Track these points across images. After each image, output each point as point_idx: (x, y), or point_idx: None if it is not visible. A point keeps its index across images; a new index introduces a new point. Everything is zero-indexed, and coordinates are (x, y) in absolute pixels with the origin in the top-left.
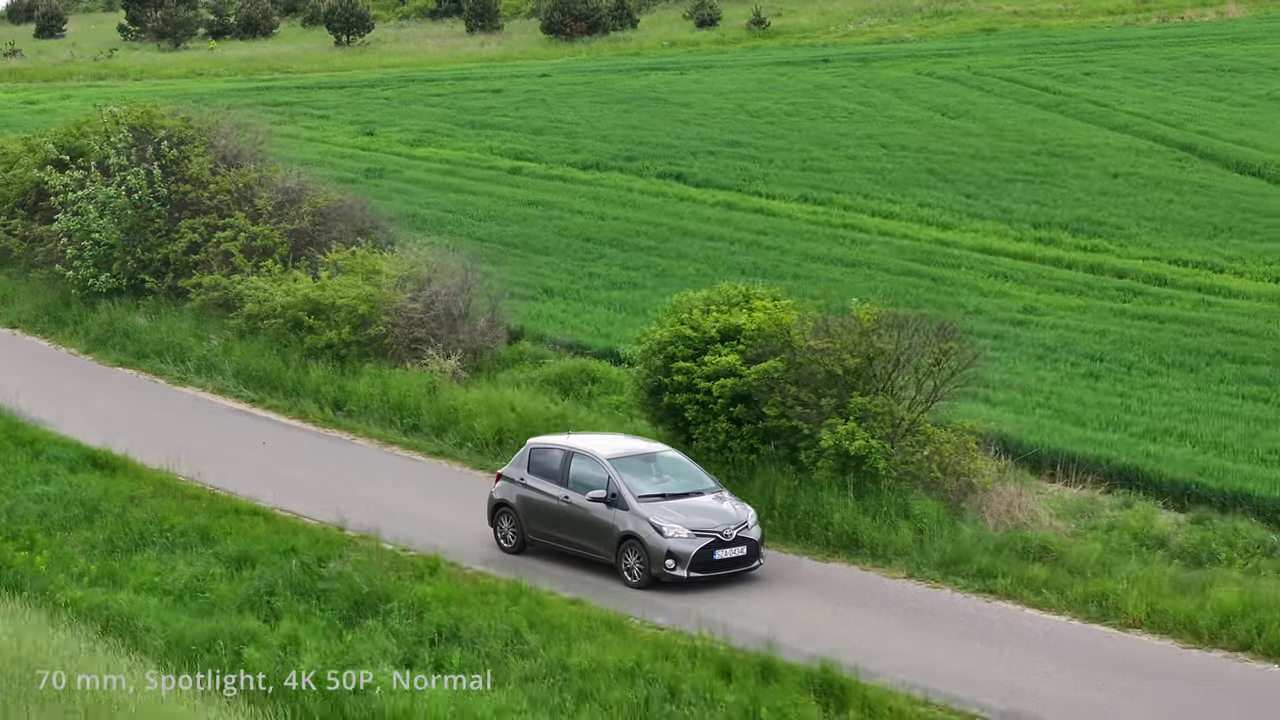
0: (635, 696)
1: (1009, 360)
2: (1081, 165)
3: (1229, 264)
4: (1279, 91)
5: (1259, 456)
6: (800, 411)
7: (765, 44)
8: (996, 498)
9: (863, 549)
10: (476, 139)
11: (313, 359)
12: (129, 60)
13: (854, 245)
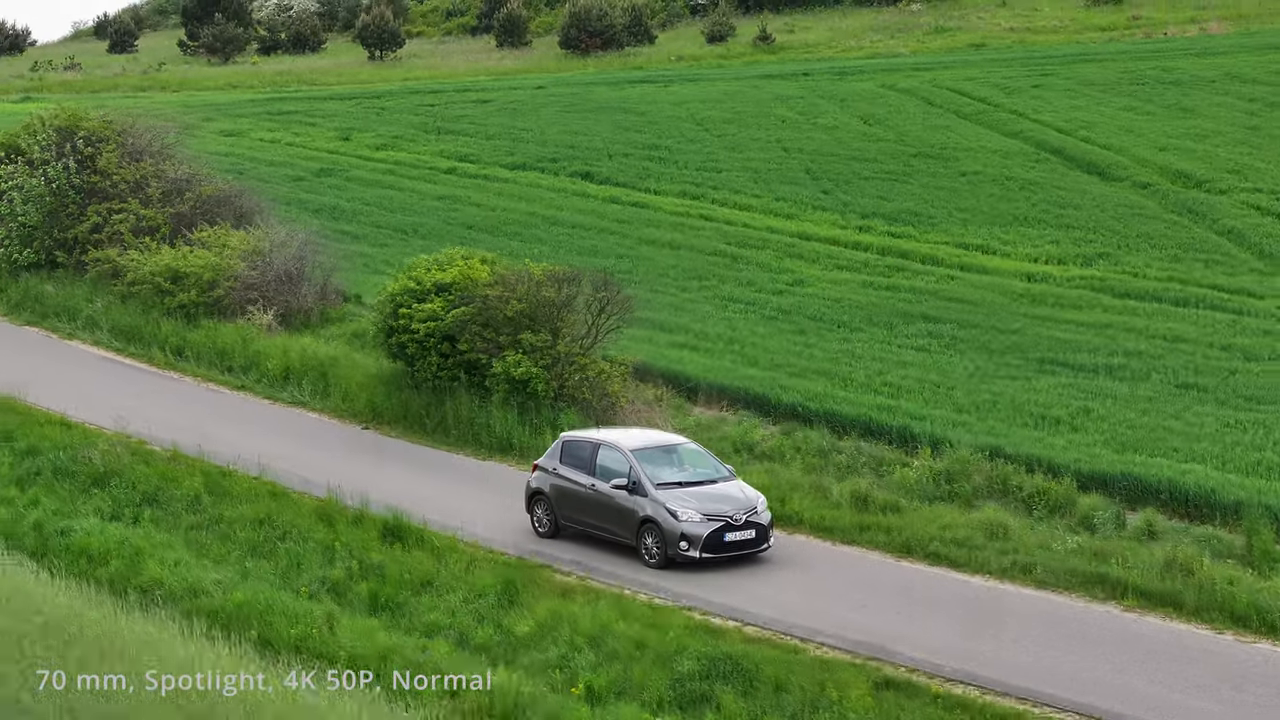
0: (258, 536)
1: (742, 321)
2: (944, 165)
3: (1002, 247)
4: (1187, 102)
5: (873, 388)
6: (483, 346)
7: (763, 59)
8: (632, 413)
9: (515, 450)
10: (435, 144)
11: (169, 316)
12: (174, 74)
13: (688, 231)
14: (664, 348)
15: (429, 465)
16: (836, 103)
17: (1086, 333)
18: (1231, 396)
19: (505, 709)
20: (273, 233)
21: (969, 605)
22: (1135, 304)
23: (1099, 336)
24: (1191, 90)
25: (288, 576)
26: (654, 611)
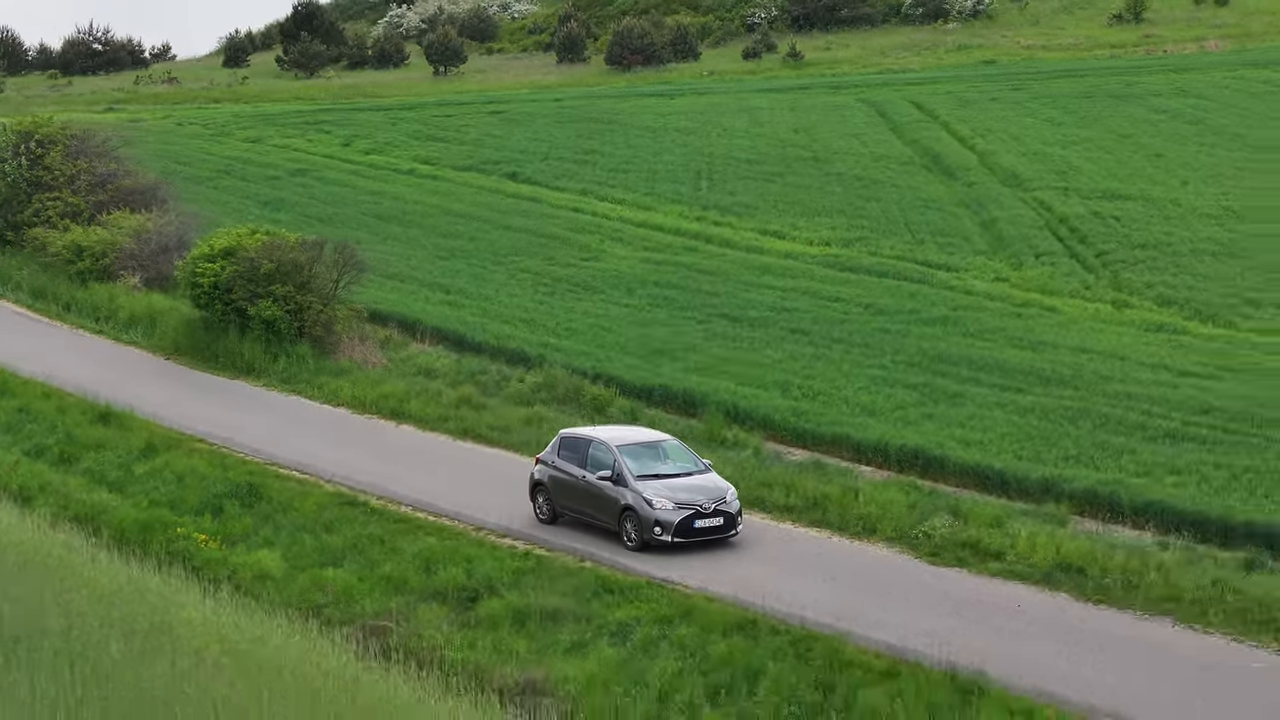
0: (15, 419)
1: (515, 286)
2: (819, 168)
3: (793, 232)
4: (1104, 113)
5: (553, 332)
6: (246, 295)
7: (784, 74)
8: (349, 346)
9: (254, 372)
10: (415, 149)
11: (70, 280)
12: (254, 87)
13: (544, 219)
14: (431, 304)
15: (192, 383)
16: (791, 112)
17: (776, 295)
18: (825, 339)
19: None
20: (160, 216)
21: (459, 462)
22: (845, 274)
23: (782, 298)
24: (1120, 104)
25: (17, 439)
26: None
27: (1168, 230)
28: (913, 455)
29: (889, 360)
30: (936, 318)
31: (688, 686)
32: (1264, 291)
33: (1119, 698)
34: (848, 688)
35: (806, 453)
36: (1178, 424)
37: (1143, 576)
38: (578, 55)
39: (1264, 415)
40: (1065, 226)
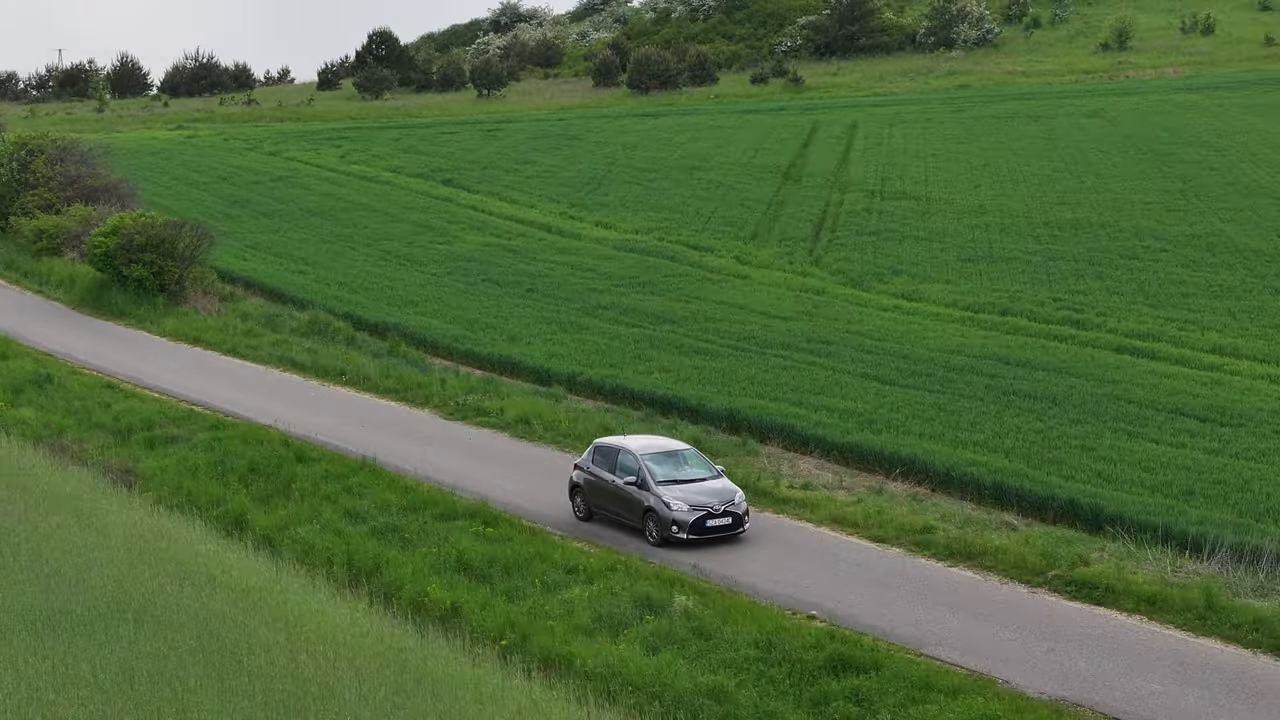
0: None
1: (365, 262)
2: (689, 175)
3: (619, 222)
4: (996, 126)
5: (354, 288)
6: (125, 261)
7: (779, 97)
8: (194, 297)
9: (125, 315)
10: (394, 160)
11: (33, 256)
12: (317, 108)
13: (434, 214)
14: (281, 271)
15: (76, 323)
16: (739, 130)
17: (546, 266)
18: (543, 296)
19: None
20: (105, 209)
21: (208, 367)
22: (616, 253)
23: (549, 269)
24: (1027, 123)
25: None
26: None
27: (909, 223)
28: (531, 370)
29: (572, 308)
30: (644, 281)
31: None
32: (917, 266)
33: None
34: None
35: (477, 371)
36: (721, 347)
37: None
38: (611, 80)
39: (794, 343)
40: (828, 219)
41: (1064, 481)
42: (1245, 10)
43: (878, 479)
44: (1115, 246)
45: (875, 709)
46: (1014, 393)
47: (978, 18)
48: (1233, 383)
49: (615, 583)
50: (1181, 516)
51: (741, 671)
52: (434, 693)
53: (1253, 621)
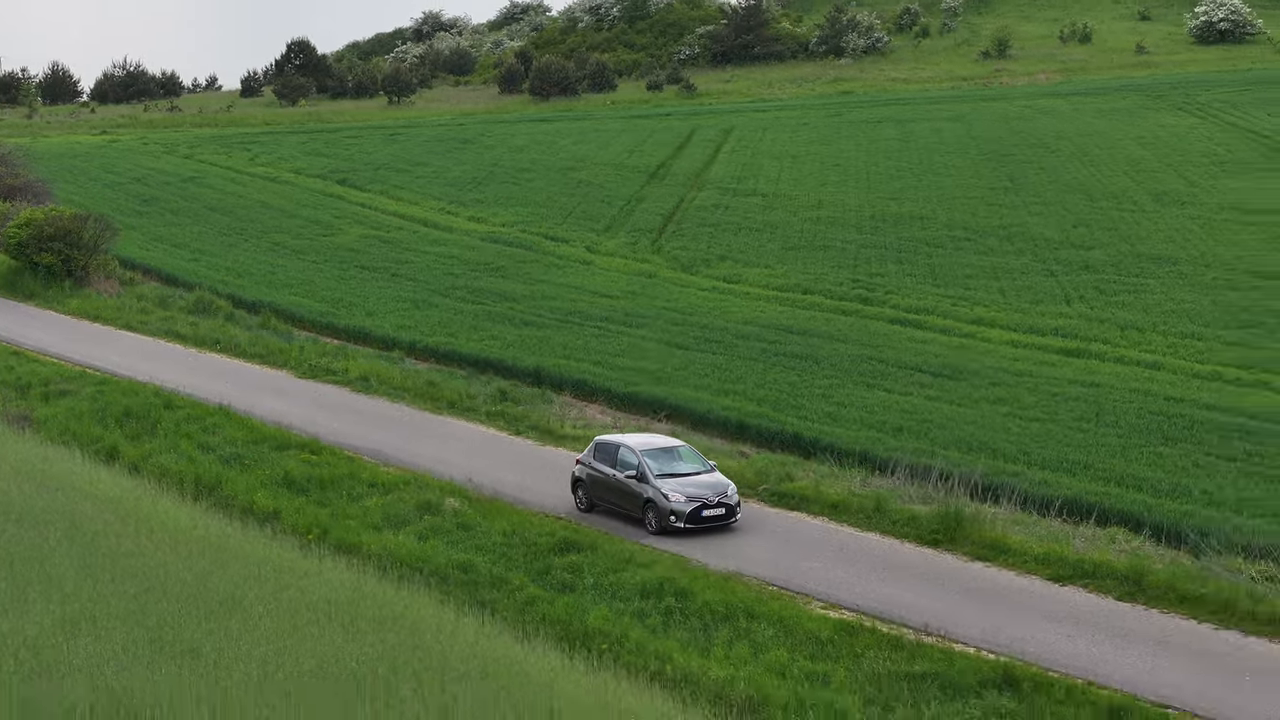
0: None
1: (254, 251)
2: (562, 175)
3: (491, 217)
4: (860, 135)
5: (253, 278)
6: (37, 249)
7: (669, 103)
8: (102, 283)
9: (35, 297)
10: (297, 162)
11: None
12: (235, 114)
13: (324, 210)
14: (177, 259)
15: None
16: (620, 135)
17: (413, 255)
18: (407, 280)
19: None
20: (16, 204)
21: (99, 338)
22: (482, 244)
23: (415, 257)
24: (889, 126)
25: None
26: None
27: (750, 216)
28: (379, 339)
29: (428, 289)
30: (498, 267)
31: None
32: (744, 253)
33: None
34: None
35: (334, 340)
36: (549, 320)
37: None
38: (516, 87)
39: (613, 317)
40: (678, 213)
41: (797, 420)
42: (1125, 20)
43: (643, 419)
44: (925, 236)
45: (584, 575)
46: (784, 354)
47: (867, 27)
48: (978, 346)
49: (405, 493)
50: (880, 445)
51: (489, 552)
52: (243, 564)
53: (908, 520)
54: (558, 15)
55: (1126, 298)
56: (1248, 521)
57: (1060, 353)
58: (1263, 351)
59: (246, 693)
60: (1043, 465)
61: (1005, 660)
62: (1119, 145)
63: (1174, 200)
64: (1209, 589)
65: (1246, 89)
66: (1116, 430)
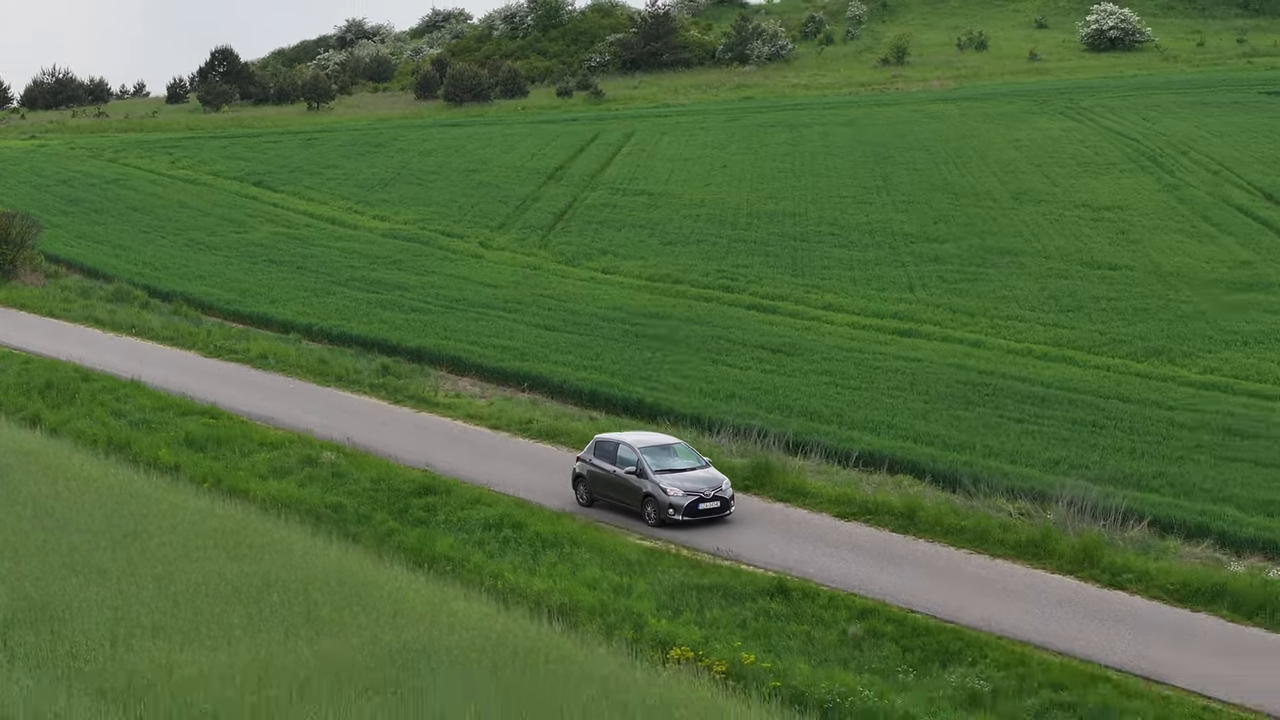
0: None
1: (172, 248)
2: (465, 177)
3: (395, 215)
4: (752, 138)
5: (169, 271)
6: None
7: (578, 109)
8: (29, 275)
9: None
10: (216, 165)
11: None
12: (160, 120)
13: (238, 209)
14: (99, 254)
15: None
16: (524, 139)
17: (317, 249)
18: (310, 271)
19: None
20: None
21: (19, 322)
22: (384, 239)
23: (321, 251)
24: (781, 130)
25: None
26: None
27: (635, 214)
28: (280, 323)
29: (329, 280)
30: (395, 260)
31: None
32: (623, 248)
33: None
34: None
35: (239, 325)
36: (436, 307)
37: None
38: (431, 93)
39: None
40: (569, 212)
41: (644, 390)
42: (1023, 28)
43: (511, 391)
44: (795, 231)
45: (437, 513)
46: (644, 335)
47: (772, 35)
48: (820, 328)
49: (290, 450)
50: (712, 410)
51: (358, 495)
52: (146, 505)
53: (726, 470)
54: (478, 23)
55: (965, 285)
56: (1017, 469)
57: (894, 333)
58: (1074, 331)
59: (143, 601)
60: (851, 425)
61: (779, 574)
62: (994, 148)
63: (1032, 198)
64: (968, 522)
65: (1129, 95)
66: (925, 397)
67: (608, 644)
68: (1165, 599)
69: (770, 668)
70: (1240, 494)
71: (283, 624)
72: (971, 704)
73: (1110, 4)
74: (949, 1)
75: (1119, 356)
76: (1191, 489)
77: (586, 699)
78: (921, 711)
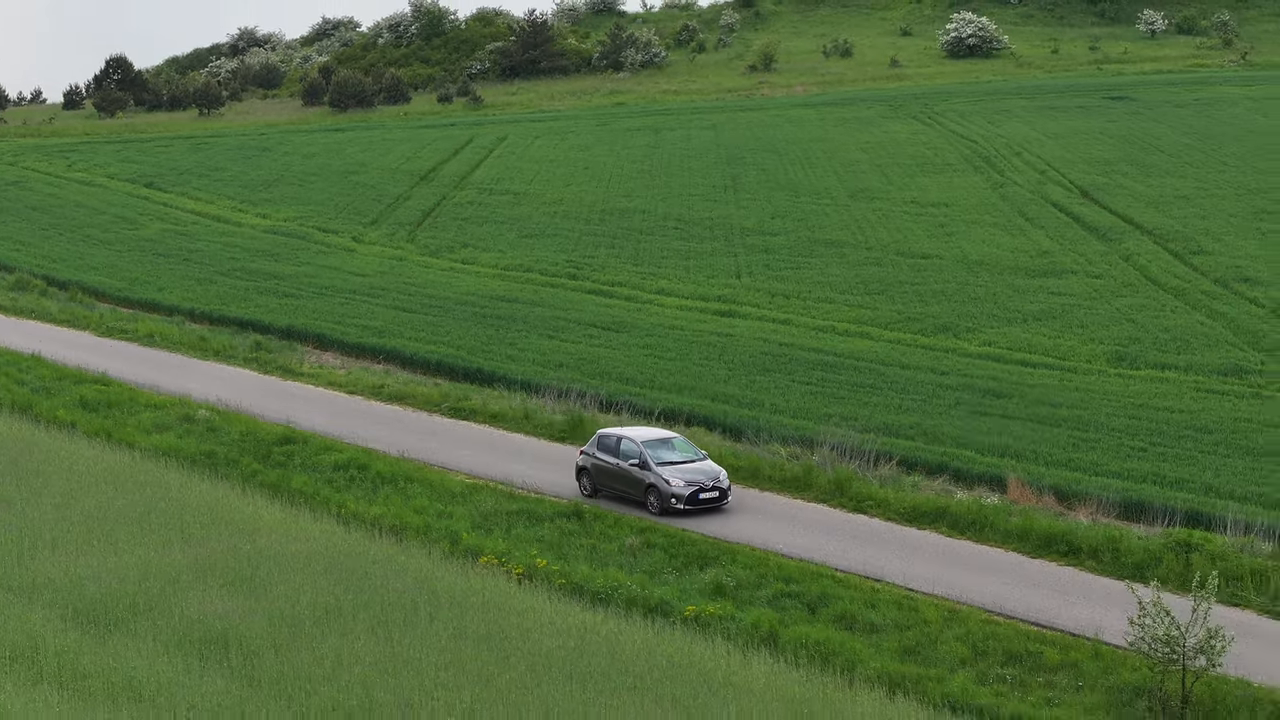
0: None
1: (69, 244)
2: (343, 178)
3: (276, 213)
4: (616, 141)
5: (64, 263)
6: None
7: (457, 115)
8: None
9: None
10: (111, 169)
11: None
12: (57, 126)
13: (130, 209)
14: (5, 249)
15: None
16: (402, 143)
17: (203, 244)
18: (197, 264)
19: None
20: None
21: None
22: (265, 235)
23: (206, 246)
24: (645, 134)
25: None
26: None
27: (498, 211)
28: (167, 307)
29: (212, 270)
30: (273, 253)
31: None
32: (483, 241)
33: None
34: None
35: (130, 310)
36: (307, 292)
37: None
38: (318, 100)
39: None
40: (437, 210)
41: (483, 360)
42: (887, 35)
43: (368, 363)
44: (642, 226)
45: (295, 458)
46: (491, 316)
47: (645, 43)
48: (650, 310)
49: (171, 410)
50: (541, 376)
51: (228, 445)
52: (45, 453)
53: (546, 424)
54: (367, 31)
55: (788, 273)
56: (796, 422)
57: (715, 313)
58: (875, 311)
59: (44, 523)
60: (660, 388)
61: (575, 501)
62: (842, 150)
63: (867, 196)
64: (744, 462)
65: (980, 100)
66: (729, 365)
67: (428, 553)
68: (898, 520)
69: (558, 570)
70: (980, 440)
71: (161, 539)
72: (717, 593)
73: (969, 13)
74: (819, 10)
75: (910, 332)
76: (941, 436)
77: (404, 586)
78: (675, 598)
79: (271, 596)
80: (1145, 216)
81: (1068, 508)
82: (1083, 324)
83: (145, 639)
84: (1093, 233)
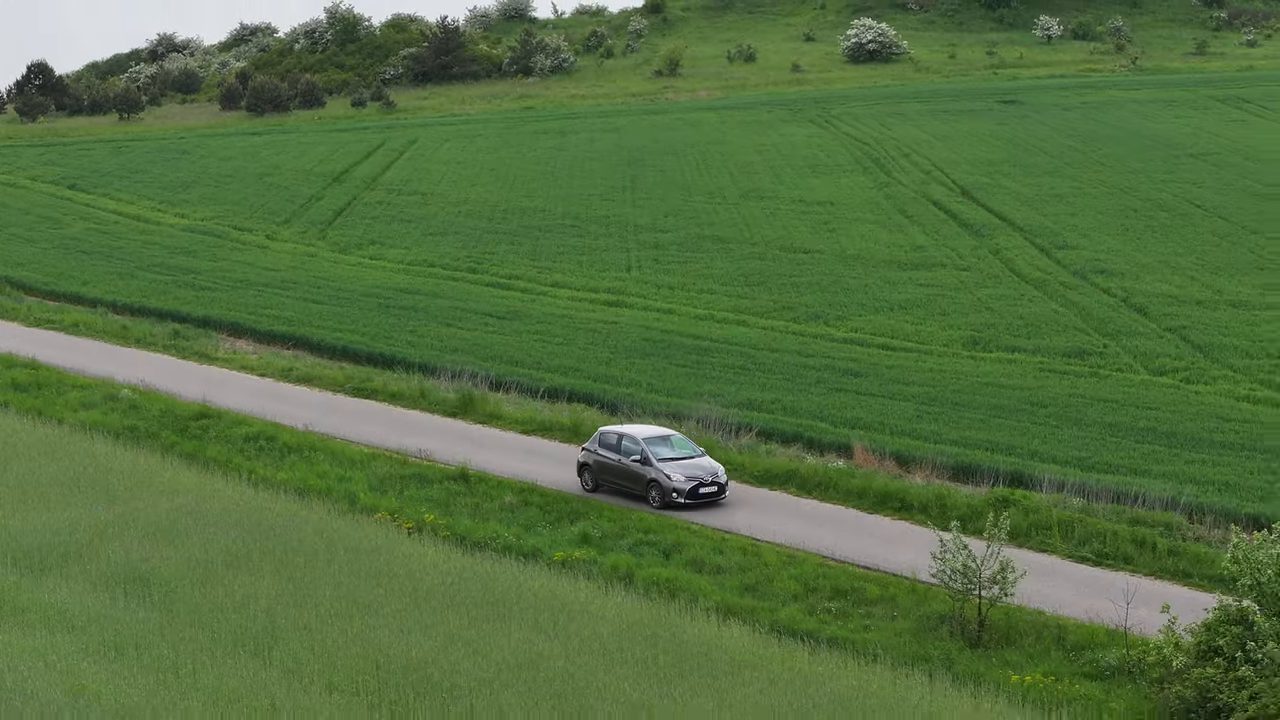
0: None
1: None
2: (259, 180)
3: (193, 213)
4: (523, 143)
5: (21, 265)
6: None
7: (371, 119)
8: None
9: None
10: (33, 171)
11: None
12: None
13: (55, 210)
14: None
15: None
16: (316, 146)
17: (124, 242)
18: (119, 260)
19: None
20: None
21: None
22: (185, 234)
23: (125, 244)
24: (549, 136)
25: None
26: None
27: (406, 210)
28: (91, 300)
29: (133, 266)
30: (191, 250)
31: None
32: (390, 238)
33: None
34: None
35: (55, 302)
36: (223, 285)
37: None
38: (235, 104)
39: (271, 284)
40: (348, 209)
41: (385, 346)
42: (791, 41)
43: (278, 349)
44: (541, 224)
45: (210, 431)
46: (394, 306)
47: (555, 49)
48: (543, 300)
49: (96, 390)
50: (437, 359)
51: (149, 420)
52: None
53: (440, 401)
54: (284, 36)
55: (675, 266)
56: (667, 399)
57: (603, 304)
58: (753, 301)
59: None
60: (546, 370)
61: (462, 466)
62: (738, 152)
63: (757, 195)
64: None
65: (877, 103)
66: (612, 350)
67: (328, 510)
68: (752, 482)
69: (445, 524)
70: (834, 414)
71: (88, 498)
72: (584, 542)
73: (869, 19)
74: (726, 17)
75: (784, 320)
76: (798, 410)
77: (305, 536)
78: (546, 546)
79: (188, 545)
80: (1019, 214)
81: (906, 471)
82: (944, 312)
83: (76, 580)
84: (966, 229)
